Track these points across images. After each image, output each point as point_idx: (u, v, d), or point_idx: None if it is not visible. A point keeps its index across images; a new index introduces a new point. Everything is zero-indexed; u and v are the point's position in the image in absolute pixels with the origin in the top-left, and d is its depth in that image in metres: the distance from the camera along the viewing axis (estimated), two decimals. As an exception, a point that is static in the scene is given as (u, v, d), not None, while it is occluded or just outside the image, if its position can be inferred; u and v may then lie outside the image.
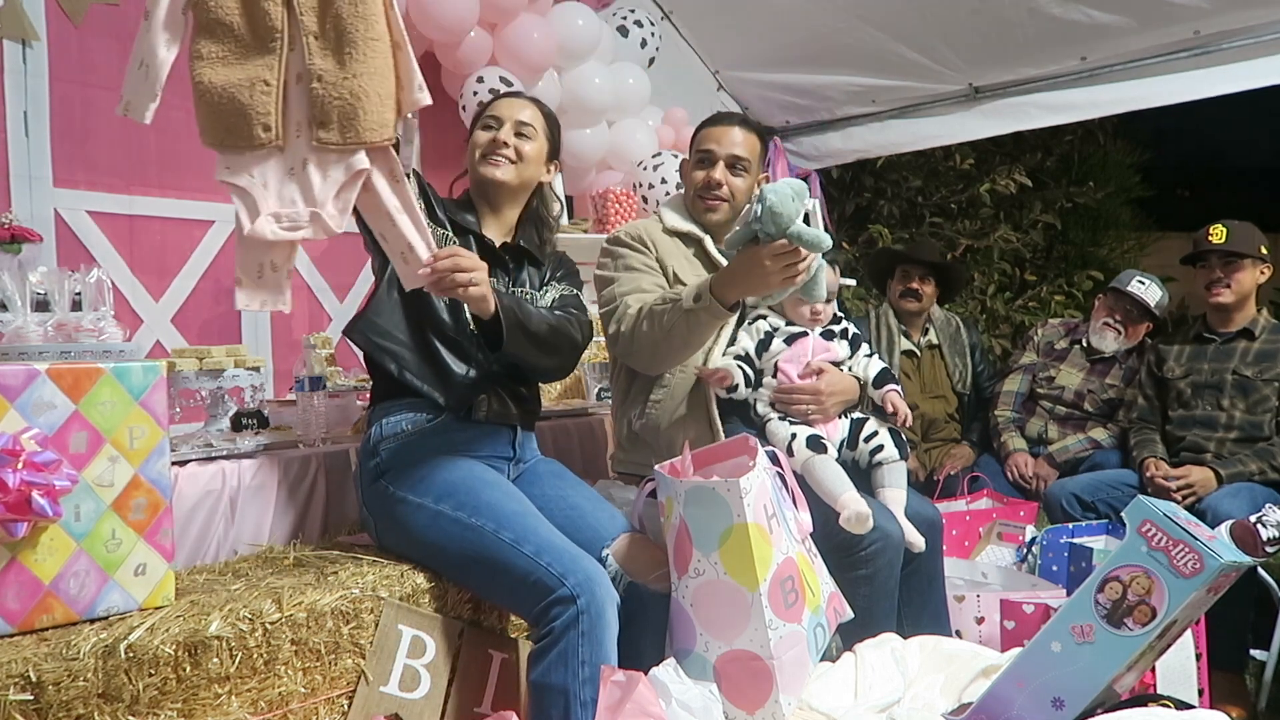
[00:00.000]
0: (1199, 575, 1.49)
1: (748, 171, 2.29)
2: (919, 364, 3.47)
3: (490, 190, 2.03)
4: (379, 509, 1.87)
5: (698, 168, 2.30)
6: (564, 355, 1.97)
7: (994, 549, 2.77)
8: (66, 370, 1.45)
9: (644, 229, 2.30)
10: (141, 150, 2.81)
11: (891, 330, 3.43)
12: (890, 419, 2.21)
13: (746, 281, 1.90)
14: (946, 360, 3.48)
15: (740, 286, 1.92)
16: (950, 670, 1.84)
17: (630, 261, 2.24)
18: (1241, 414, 2.76)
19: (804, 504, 1.89)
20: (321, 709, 1.61)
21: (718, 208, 2.29)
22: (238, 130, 1.55)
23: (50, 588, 1.43)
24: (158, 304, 2.87)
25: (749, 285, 1.91)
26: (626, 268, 2.23)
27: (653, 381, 2.21)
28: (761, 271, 1.86)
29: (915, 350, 3.46)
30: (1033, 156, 6.37)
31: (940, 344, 3.49)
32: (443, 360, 1.87)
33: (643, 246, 2.26)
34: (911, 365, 3.45)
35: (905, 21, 3.55)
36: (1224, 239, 2.80)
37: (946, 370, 3.48)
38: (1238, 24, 3.07)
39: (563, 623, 1.58)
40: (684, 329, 2.00)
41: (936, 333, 3.50)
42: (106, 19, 2.71)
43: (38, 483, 1.37)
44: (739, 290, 1.93)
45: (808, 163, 4.43)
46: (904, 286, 3.44)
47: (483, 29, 3.21)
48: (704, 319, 1.96)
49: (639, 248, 2.26)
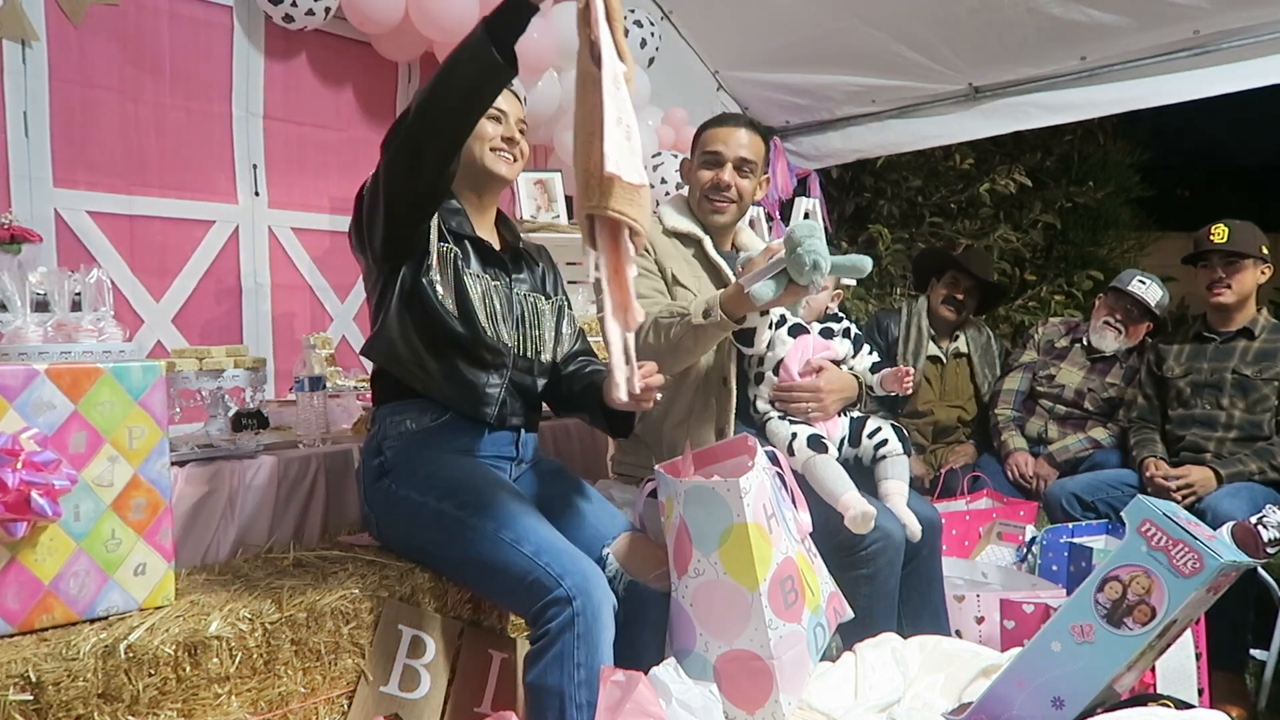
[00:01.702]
0: (1199, 575, 1.49)
1: (753, 173, 2.29)
2: (942, 371, 3.45)
3: (486, 185, 1.99)
4: (381, 507, 1.87)
5: (704, 168, 2.29)
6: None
7: (994, 549, 2.77)
8: (66, 370, 1.45)
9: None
10: (141, 150, 2.81)
11: (921, 333, 3.40)
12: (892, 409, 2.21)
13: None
14: (976, 369, 3.45)
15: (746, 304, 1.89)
16: (950, 670, 1.84)
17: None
18: (1241, 413, 2.76)
19: (803, 504, 1.89)
20: (321, 709, 1.61)
21: (725, 210, 2.28)
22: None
23: (50, 588, 1.43)
24: (158, 304, 2.86)
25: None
26: None
27: None
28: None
29: (941, 357, 3.44)
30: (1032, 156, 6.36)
31: (970, 353, 3.47)
32: (462, 373, 1.86)
33: (642, 250, 2.26)
34: (935, 372, 3.44)
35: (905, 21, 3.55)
36: (1226, 239, 2.80)
37: (974, 379, 3.46)
38: (1237, 24, 3.07)
39: (558, 624, 1.58)
40: (690, 342, 2.00)
41: (968, 342, 3.48)
42: (106, 19, 2.71)
43: (37, 482, 1.37)
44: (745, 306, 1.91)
45: (808, 163, 4.43)
46: (949, 293, 3.41)
47: (483, 29, 3.21)
48: (712, 333, 1.97)
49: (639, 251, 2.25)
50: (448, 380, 1.85)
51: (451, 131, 1.71)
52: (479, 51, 1.61)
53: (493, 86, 1.68)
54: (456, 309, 1.83)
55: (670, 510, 1.76)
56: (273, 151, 3.11)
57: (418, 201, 1.78)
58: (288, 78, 3.15)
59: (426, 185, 1.76)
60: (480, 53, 1.61)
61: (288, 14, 2.92)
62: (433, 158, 1.72)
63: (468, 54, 1.62)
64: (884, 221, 6.06)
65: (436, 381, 1.85)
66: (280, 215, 3.14)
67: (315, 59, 3.22)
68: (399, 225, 1.79)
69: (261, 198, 3.09)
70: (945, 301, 3.42)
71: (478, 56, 1.61)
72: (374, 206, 1.78)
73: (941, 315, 3.43)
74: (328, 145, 3.28)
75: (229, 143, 3.01)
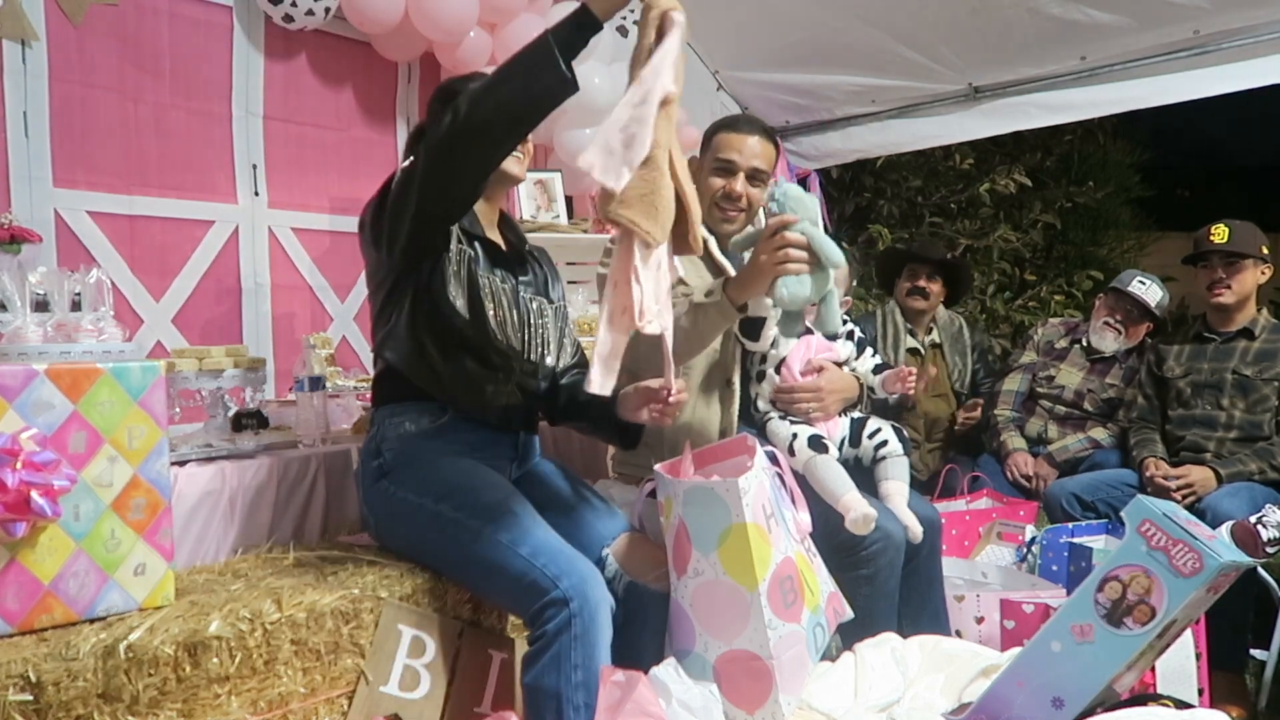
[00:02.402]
0: (1198, 575, 1.49)
1: (764, 182, 2.27)
2: (923, 363, 3.46)
3: (495, 184, 1.99)
4: (380, 508, 1.87)
5: (716, 175, 2.24)
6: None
7: (994, 549, 2.77)
8: (65, 370, 1.45)
9: None
10: (141, 150, 2.81)
11: (898, 328, 3.43)
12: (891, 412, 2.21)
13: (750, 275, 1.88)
14: (947, 359, 3.49)
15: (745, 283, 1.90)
16: (950, 670, 1.84)
17: None
18: (1241, 413, 2.76)
19: (803, 503, 1.89)
20: (321, 709, 1.61)
21: (735, 219, 2.26)
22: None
23: (50, 588, 1.43)
24: (158, 304, 2.87)
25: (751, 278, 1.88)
26: None
27: None
28: (754, 261, 1.85)
29: (920, 349, 3.46)
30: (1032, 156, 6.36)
31: (942, 343, 3.50)
32: (470, 374, 1.86)
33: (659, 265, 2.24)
34: (916, 363, 3.45)
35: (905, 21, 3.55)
36: (1226, 239, 2.80)
37: (946, 369, 3.48)
38: (1237, 24, 3.07)
39: (555, 625, 1.58)
40: (688, 323, 1.94)
41: (939, 331, 3.51)
42: (106, 19, 2.71)
43: (36, 483, 1.37)
44: (745, 287, 1.90)
45: (808, 163, 4.43)
46: (911, 284, 3.43)
47: (482, 29, 3.21)
48: (713, 316, 1.93)
49: None
50: (455, 381, 1.85)
51: (503, 141, 1.71)
52: (546, 65, 1.58)
53: (553, 101, 1.64)
54: (468, 310, 1.84)
55: (669, 510, 1.76)
56: (272, 152, 3.11)
57: (453, 205, 1.78)
58: (288, 78, 3.16)
59: (467, 191, 1.76)
60: (547, 67, 1.58)
61: (287, 14, 2.93)
62: (478, 165, 1.71)
63: (533, 66, 1.60)
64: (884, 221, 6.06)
65: (444, 382, 1.85)
66: (280, 215, 3.15)
67: (315, 59, 3.22)
68: (427, 224, 1.78)
69: (261, 198, 3.09)
70: (911, 293, 3.44)
71: (545, 70, 1.59)
72: (403, 203, 1.75)
73: (912, 307, 3.45)
74: (327, 145, 3.29)
75: (229, 143, 3.01)
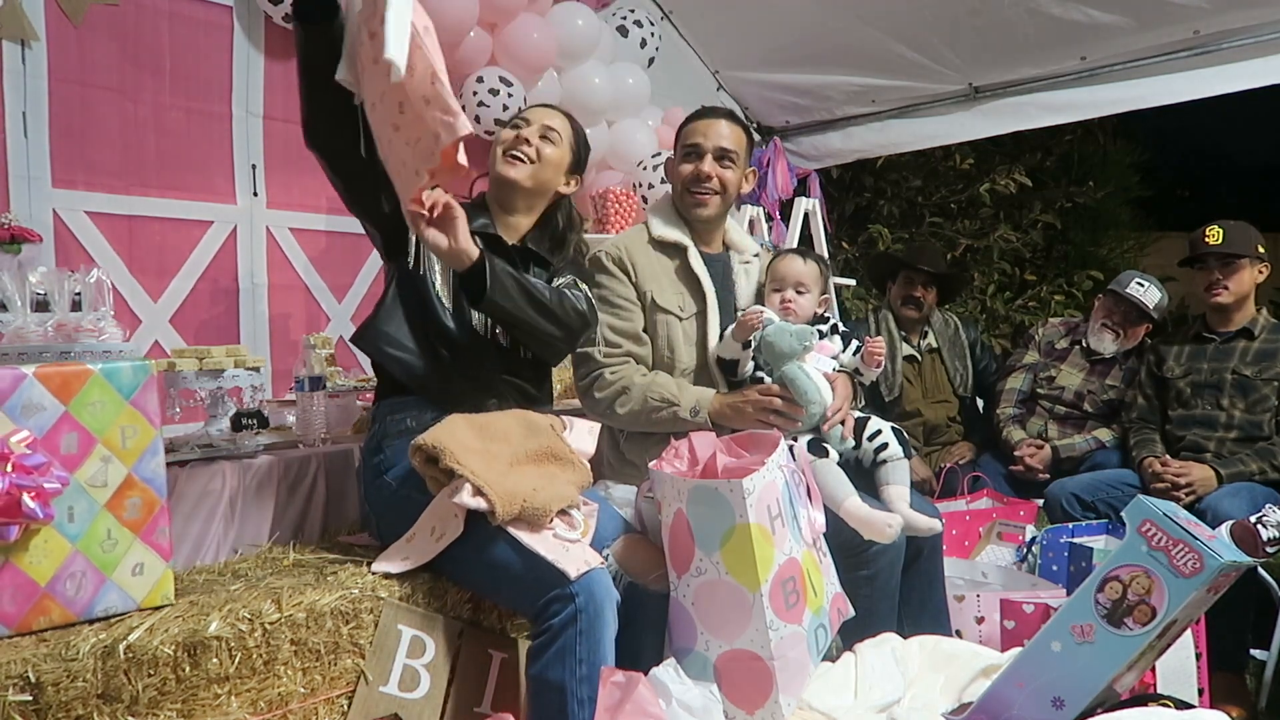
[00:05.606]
0: (1199, 575, 1.49)
1: (735, 164, 2.27)
2: (920, 369, 3.46)
3: (504, 191, 2.03)
4: (381, 506, 1.88)
5: (684, 161, 2.28)
6: (569, 321, 1.91)
7: (994, 549, 2.77)
8: (55, 372, 1.45)
9: (626, 247, 2.28)
10: (140, 150, 2.80)
11: (893, 335, 3.41)
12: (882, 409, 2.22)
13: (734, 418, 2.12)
14: (946, 364, 3.47)
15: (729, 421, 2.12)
16: (950, 670, 1.84)
17: (606, 294, 2.23)
18: (1241, 413, 2.76)
19: (820, 502, 1.88)
20: (321, 709, 1.61)
21: (708, 201, 2.27)
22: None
23: (46, 590, 1.43)
24: (156, 304, 2.86)
25: (734, 420, 2.12)
26: (601, 300, 2.21)
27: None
28: (741, 409, 2.10)
29: (916, 355, 3.45)
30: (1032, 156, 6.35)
31: (939, 347, 3.48)
32: (449, 366, 1.88)
33: (621, 272, 2.25)
34: (913, 370, 3.44)
35: (905, 21, 3.55)
36: (1220, 240, 2.80)
37: (947, 374, 3.47)
38: (1237, 24, 3.07)
39: (561, 619, 1.58)
40: (669, 428, 2.10)
41: (935, 336, 3.49)
42: (106, 19, 2.70)
43: (27, 485, 1.37)
44: (728, 423, 2.11)
45: (808, 163, 4.43)
46: (906, 294, 3.42)
47: (482, 29, 3.21)
48: (690, 428, 2.05)
49: (618, 275, 2.25)
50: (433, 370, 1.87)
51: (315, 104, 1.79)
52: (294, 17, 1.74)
53: (307, 47, 1.74)
54: (451, 302, 1.85)
55: (665, 509, 1.76)
56: (272, 152, 3.11)
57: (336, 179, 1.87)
58: (287, 78, 3.15)
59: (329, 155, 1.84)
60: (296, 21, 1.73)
61: (288, 14, 2.92)
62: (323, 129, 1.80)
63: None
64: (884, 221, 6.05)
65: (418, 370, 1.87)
66: (278, 215, 3.14)
67: (315, 59, 3.21)
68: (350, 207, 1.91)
69: (260, 198, 3.09)
70: (905, 303, 3.43)
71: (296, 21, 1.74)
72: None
73: (905, 315, 3.44)
74: (327, 145, 3.28)
75: (228, 143, 3.01)
